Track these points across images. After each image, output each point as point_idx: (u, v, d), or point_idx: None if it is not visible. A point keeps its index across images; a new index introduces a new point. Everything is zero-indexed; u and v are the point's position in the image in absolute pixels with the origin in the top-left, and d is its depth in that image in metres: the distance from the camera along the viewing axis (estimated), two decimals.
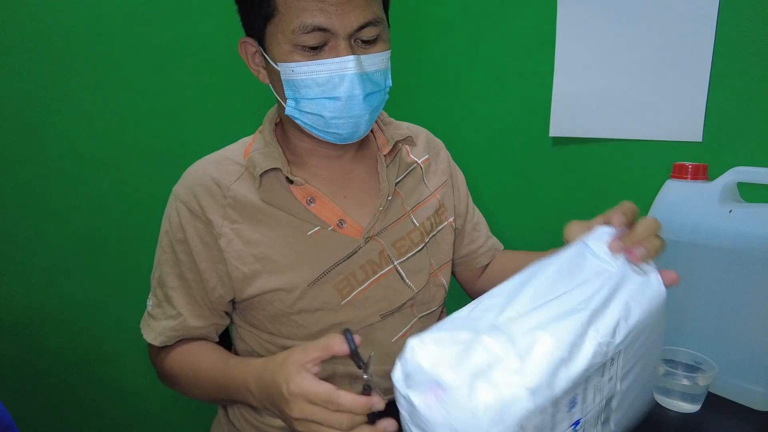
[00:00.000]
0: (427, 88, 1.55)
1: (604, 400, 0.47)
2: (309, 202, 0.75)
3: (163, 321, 0.76)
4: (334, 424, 0.51)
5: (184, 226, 0.74)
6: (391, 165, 0.82)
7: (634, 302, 0.48)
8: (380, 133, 0.84)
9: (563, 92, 1.14)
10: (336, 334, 0.55)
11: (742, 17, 0.86)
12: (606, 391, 0.47)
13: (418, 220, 0.83)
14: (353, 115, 0.69)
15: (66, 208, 1.24)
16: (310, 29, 0.64)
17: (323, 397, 0.51)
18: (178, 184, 0.77)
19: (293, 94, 0.69)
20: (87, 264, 1.28)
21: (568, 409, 0.42)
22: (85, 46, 1.20)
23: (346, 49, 0.65)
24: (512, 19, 1.26)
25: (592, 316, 0.44)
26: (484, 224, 0.99)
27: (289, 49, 0.66)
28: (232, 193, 0.74)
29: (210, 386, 0.70)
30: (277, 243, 0.73)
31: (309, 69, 0.66)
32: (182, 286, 0.76)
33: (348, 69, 0.66)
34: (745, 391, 0.75)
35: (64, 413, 1.30)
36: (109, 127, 1.26)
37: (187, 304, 0.75)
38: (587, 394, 0.44)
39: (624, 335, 0.45)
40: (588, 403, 0.45)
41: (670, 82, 0.95)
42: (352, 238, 0.76)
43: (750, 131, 0.88)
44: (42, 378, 1.27)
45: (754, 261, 0.72)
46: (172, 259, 0.76)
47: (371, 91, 0.69)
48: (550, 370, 0.39)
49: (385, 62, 0.71)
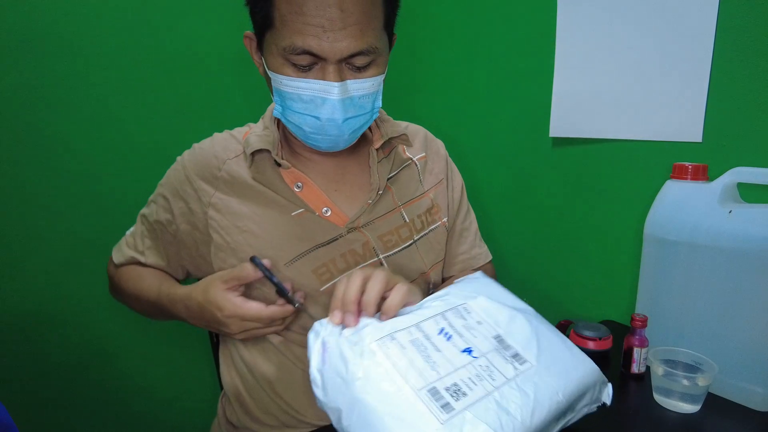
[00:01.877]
0: (427, 88, 1.55)
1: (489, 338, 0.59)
2: (297, 186, 0.77)
3: (131, 251, 0.86)
4: (267, 331, 0.70)
5: (176, 187, 0.80)
6: (384, 161, 0.83)
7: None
8: (377, 130, 0.85)
9: (563, 92, 1.14)
10: (246, 263, 0.67)
11: (742, 17, 0.86)
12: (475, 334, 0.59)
13: (409, 217, 0.83)
14: (331, 135, 0.71)
15: (66, 208, 1.24)
16: (300, 51, 0.64)
17: (254, 315, 0.66)
18: (190, 149, 0.83)
19: (280, 101, 0.72)
20: (87, 264, 1.28)
21: (439, 332, 0.57)
22: (85, 46, 1.20)
23: (334, 73, 0.66)
24: (512, 19, 1.26)
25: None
26: (473, 235, 0.95)
27: (281, 62, 0.67)
28: (227, 167, 0.78)
29: (147, 305, 0.82)
30: (261, 219, 0.76)
31: (296, 84, 0.68)
32: (151, 231, 0.84)
33: (331, 94, 0.67)
34: (745, 392, 0.75)
35: (63, 413, 1.30)
36: (109, 127, 1.26)
37: (151, 248, 0.85)
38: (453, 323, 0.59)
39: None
40: (465, 336, 0.57)
41: (670, 83, 0.95)
42: (335, 225, 0.77)
43: (750, 132, 0.88)
44: (41, 378, 1.27)
45: (754, 261, 0.72)
46: (153, 208, 0.83)
47: (353, 115, 0.70)
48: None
49: (375, 86, 0.71)
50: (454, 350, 0.55)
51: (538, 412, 0.50)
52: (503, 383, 0.52)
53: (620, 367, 0.86)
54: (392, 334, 0.55)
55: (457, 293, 0.64)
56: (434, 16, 1.46)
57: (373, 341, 0.54)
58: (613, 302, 1.13)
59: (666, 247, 0.83)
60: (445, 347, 0.55)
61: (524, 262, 1.35)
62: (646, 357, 0.83)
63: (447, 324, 0.58)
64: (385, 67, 0.72)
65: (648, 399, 0.77)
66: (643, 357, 0.83)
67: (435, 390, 0.50)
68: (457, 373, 0.52)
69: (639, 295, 0.89)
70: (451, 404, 0.49)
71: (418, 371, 0.51)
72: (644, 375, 0.83)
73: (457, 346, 0.55)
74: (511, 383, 0.52)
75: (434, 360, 0.53)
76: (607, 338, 0.91)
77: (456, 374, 0.52)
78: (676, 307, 0.83)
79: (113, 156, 1.28)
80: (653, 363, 0.76)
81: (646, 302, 0.87)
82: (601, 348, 0.90)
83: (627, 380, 0.84)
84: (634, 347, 0.83)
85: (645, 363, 0.83)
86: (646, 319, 0.83)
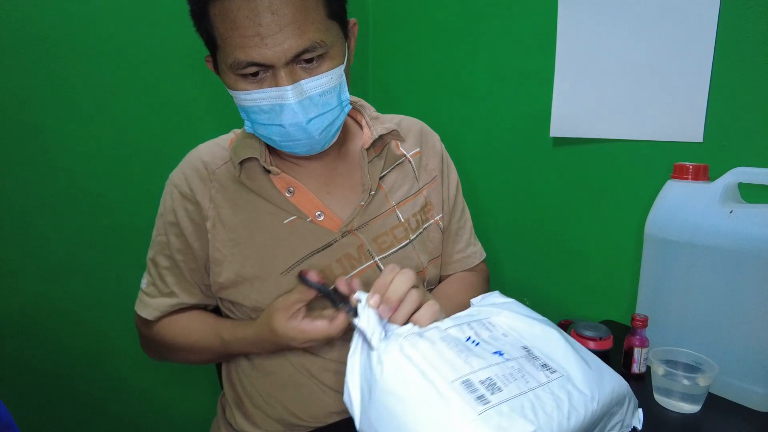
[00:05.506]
0: (428, 88, 1.55)
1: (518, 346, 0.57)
2: (288, 191, 0.76)
3: (159, 298, 0.80)
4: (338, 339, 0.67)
5: (176, 209, 0.78)
6: (376, 159, 0.82)
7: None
8: (367, 129, 0.83)
9: (564, 93, 1.14)
10: (299, 285, 0.64)
11: (742, 17, 0.86)
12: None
13: (404, 216, 0.82)
14: (301, 139, 0.69)
15: (66, 208, 1.24)
16: (245, 65, 0.64)
17: (324, 336, 0.64)
18: (174, 170, 0.81)
19: (246, 117, 0.72)
20: (87, 264, 1.28)
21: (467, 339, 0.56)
22: (85, 46, 1.20)
23: (285, 77, 0.64)
24: (512, 19, 1.26)
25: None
26: (468, 233, 0.94)
27: (234, 79, 0.67)
28: (218, 176, 0.78)
29: (205, 355, 0.79)
30: (253, 228, 0.76)
31: (253, 97, 0.67)
32: (172, 266, 0.80)
33: (286, 99, 0.65)
34: (745, 392, 0.75)
35: (63, 413, 1.30)
36: (109, 127, 1.26)
37: (177, 284, 0.80)
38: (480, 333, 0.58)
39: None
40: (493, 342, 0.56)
41: (671, 83, 0.95)
42: (329, 230, 0.76)
43: (751, 132, 0.88)
44: (42, 377, 1.27)
45: (755, 261, 0.72)
46: (164, 241, 0.80)
47: (316, 114, 0.68)
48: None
49: (334, 80, 0.68)
50: (487, 353, 0.53)
51: (574, 417, 0.49)
52: (537, 386, 0.50)
53: (621, 367, 0.86)
54: (421, 332, 0.55)
55: (478, 310, 0.63)
56: (434, 16, 1.46)
57: (401, 336, 0.54)
58: (613, 302, 1.13)
59: (666, 247, 0.83)
60: (476, 350, 0.54)
61: (524, 262, 1.35)
62: (646, 357, 0.83)
63: (473, 333, 0.57)
64: (341, 58, 0.69)
65: (648, 399, 0.77)
66: (644, 357, 0.83)
67: (469, 382, 0.48)
68: (490, 369, 0.51)
69: (639, 295, 0.89)
70: (486, 396, 0.47)
71: (449, 364, 0.50)
72: (645, 375, 0.83)
73: (487, 349, 0.54)
74: (544, 388, 0.51)
75: (466, 355, 0.52)
76: (607, 338, 0.91)
77: (489, 370, 0.50)
78: (677, 307, 0.83)
79: (113, 156, 1.28)
80: (654, 363, 0.76)
81: (646, 302, 0.87)
82: (602, 348, 0.90)
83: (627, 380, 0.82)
84: (635, 347, 0.83)
85: (645, 363, 0.83)
86: (646, 319, 0.83)
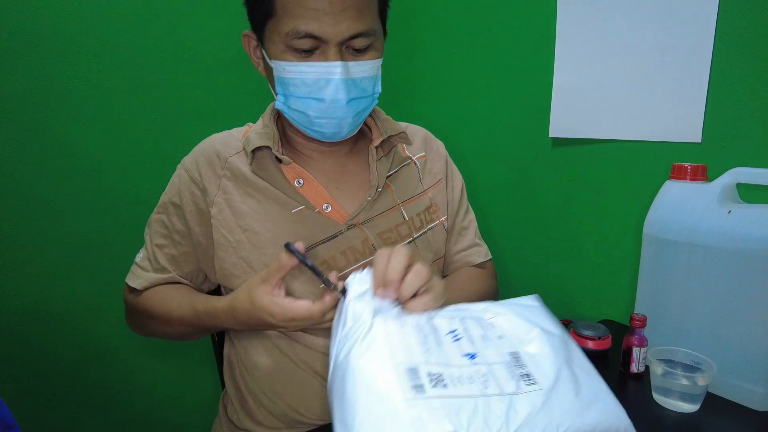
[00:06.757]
0: (427, 88, 1.55)
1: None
2: (298, 182, 0.78)
3: (151, 273, 0.81)
4: (323, 325, 0.64)
5: (182, 191, 0.79)
6: (384, 159, 0.84)
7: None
8: (375, 128, 0.86)
9: (563, 93, 1.14)
10: (281, 253, 0.61)
11: (741, 18, 0.86)
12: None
13: (408, 215, 0.84)
14: (336, 117, 0.73)
15: (66, 208, 1.24)
16: (302, 35, 0.67)
17: (305, 315, 0.62)
18: (187, 155, 0.83)
19: (283, 91, 0.73)
20: (87, 264, 1.28)
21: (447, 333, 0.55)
22: (87, 46, 1.20)
23: (335, 55, 0.68)
24: (512, 19, 1.26)
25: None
26: (472, 233, 0.95)
27: (282, 49, 0.69)
28: (230, 165, 0.79)
29: (180, 326, 0.77)
30: (262, 216, 0.77)
31: (299, 69, 0.70)
32: (167, 245, 0.81)
33: (334, 74, 0.69)
34: (745, 391, 0.75)
35: (64, 412, 1.30)
36: (109, 127, 1.26)
37: (170, 263, 0.81)
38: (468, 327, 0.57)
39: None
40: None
41: (670, 83, 0.96)
42: (335, 222, 0.78)
43: (749, 132, 0.88)
44: (43, 377, 1.27)
45: (754, 261, 0.72)
46: (164, 220, 0.81)
47: (356, 96, 0.72)
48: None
49: (375, 70, 0.73)
50: (456, 351, 0.53)
51: None
52: (495, 394, 0.48)
53: (619, 366, 0.87)
54: (399, 316, 0.56)
55: (485, 307, 0.60)
56: (434, 16, 1.46)
57: (378, 315, 0.55)
58: (612, 302, 1.13)
59: (665, 247, 0.83)
60: (448, 345, 0.54)
61: (524, 262, 1.35)
62: (645, 356, 0.83)
63: (462, 329, 0.56)
64: (381, 52, 0.74)
65: (647, 398, 0.77)
66: (643, 357, 0.83)
67: (414, 370, 0.48)
68: (447, 368, 0.50)
69: (638, 295, 0.89)
70: (425, 388, 0.46)
71: (407, 349, 0.51)
72: (643, 375, 0.83)
73: (461, 349, 0.53)
74: (503, 398, 0.48)
75: (429, 347, 0.52)
76: (606, 338, 0.91)
77: (445, 368, 0.50)
78: (676, 306, 0.83)
79: (114, 155, 1.28)
80: (652, 362, 0.76)
81: (645, 302, 0.88)
82: (601, 347, 0.90)
83: (626, 380, 0.84)
84: (634, 347, 0.83)
85: (644, 362, 0.83)
86: (645, 319, 0.83)
